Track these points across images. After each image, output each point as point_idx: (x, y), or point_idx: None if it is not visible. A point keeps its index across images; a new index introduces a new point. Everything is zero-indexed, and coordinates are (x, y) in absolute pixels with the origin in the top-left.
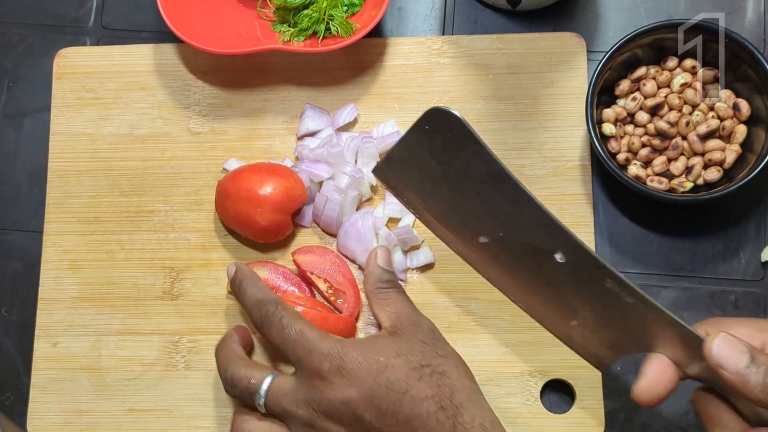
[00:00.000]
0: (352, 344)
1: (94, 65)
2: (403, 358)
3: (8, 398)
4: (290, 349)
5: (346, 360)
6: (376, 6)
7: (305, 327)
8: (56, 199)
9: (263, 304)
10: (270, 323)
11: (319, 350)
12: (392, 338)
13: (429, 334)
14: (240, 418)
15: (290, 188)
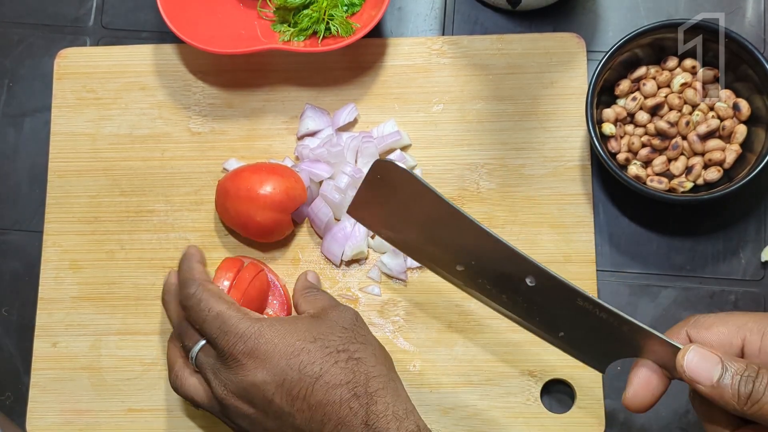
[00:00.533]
0: (269, 324)
1: (95, 65)
2: (319, 343)
3: (8, 398)
4: (206, 330)
5: (260, 341)
6: (376, 6)
7: (223, 308)
8: (56, 198)
9: (187, 285)
10: (189, 305)
11: (234, 331)
12: (312, 320)
13: (351, 321)
14: (179, 362)
15: (290, 188)
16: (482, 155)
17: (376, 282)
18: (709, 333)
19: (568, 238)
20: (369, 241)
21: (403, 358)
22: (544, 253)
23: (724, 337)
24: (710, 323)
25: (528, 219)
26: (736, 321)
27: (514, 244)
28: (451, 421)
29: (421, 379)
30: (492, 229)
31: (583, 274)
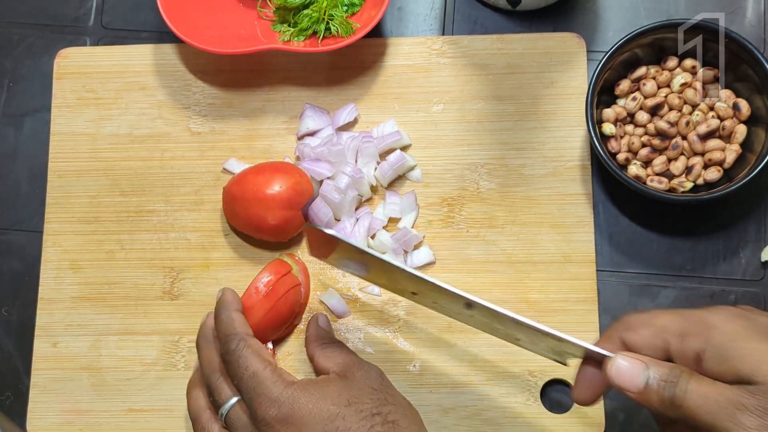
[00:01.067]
0: (302, 388)
1: (95, 65)
2: (354, 407)
3: (8, 398)
4: (243, 389)
5: (294, 407)
6: (376, 6)
7: (259, 368)
8: (56, 198)
9: (228, 339)
10: (229, 360)
11: (268, 395)
12: (343, 382)
13: (378, 380)
14: (206, 414)
15: (297, 183)
16: (482, 155)
17: None
18: (637, 336)
19: (568, 238)
20: (369, 241)
21: (403, 358)
22: (544, 253)
23: (650, 341)
24: (637, 325)
25: (528, 219)
26: (659, 322)
27: (449, 283)
28: (451, 421)
29: (420, 379)
30: (420, 272)
31: (582, 274)
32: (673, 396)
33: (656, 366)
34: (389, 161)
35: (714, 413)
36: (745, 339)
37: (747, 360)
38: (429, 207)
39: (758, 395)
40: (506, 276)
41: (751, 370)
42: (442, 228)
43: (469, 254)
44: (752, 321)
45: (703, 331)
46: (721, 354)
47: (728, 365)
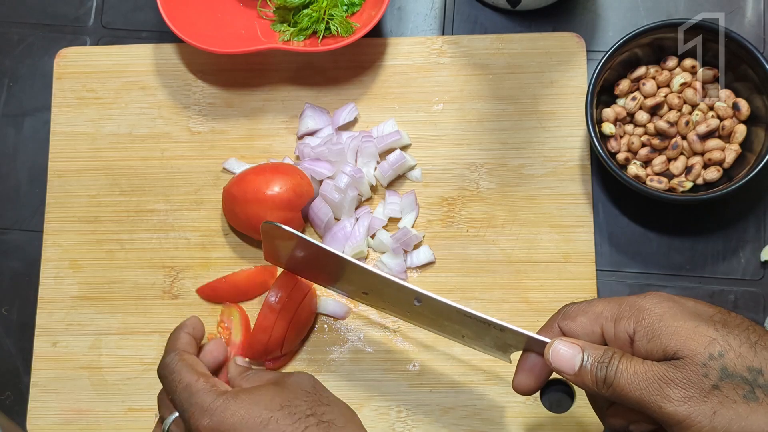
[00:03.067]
0: (233, 396)
1: (95, 65)
2: (286, 410)
3: (8, 397)
4: (176, 402)
5: (226, 414)
6: (375, 5)
7: (192, 380)
8: (56, 198)
9: (165, 353)
10: (164, 374)
11: (200, 404)
12: (275, 388)
13: (310, 383)
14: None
15: (297, 185)
16: (482, 155)
17: None
18: (575, 324)
19: (568, 238)
20: (369, 240)
21: (402, 357)
22: (543, 252)
23: (587, 327)
24: (575, 314)
25: (528, 219)
26: (595, 310)
27: (398, 276)
28: (450, 420)
29: (420, 379)
30: (369, 265)
31: (582, 273)
32: (605, 376)
33: (591, 348)
34: (389, 161)
35: (642, 389)
36: (672, 318)
37: (673, 337)
38: (429, 207)
39: (683, 369)
40: (506, 276)
41: (676, 346)
42: (442, 228)
43: (468, 254)
44: (680, 303)
45: (634, 314)
46: (650, 333)
47: (656, 343)
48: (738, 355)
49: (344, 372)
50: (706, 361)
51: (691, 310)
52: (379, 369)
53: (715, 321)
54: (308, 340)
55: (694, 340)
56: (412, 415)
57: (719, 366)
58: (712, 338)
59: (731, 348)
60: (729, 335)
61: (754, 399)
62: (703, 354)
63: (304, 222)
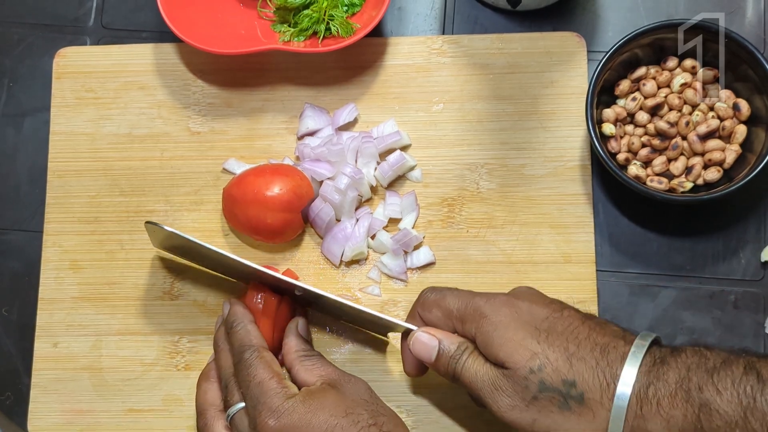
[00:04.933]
0: (302, 400)
1: (94, 65)
2: (350, 418)
3: (8, 398)
4: (247, 396)
5: (293, 418)
6: (376, 6)
7: (265, 378)
8: (56, 198)
9: (243, 349)
10: (240, 368)
11: (269, 405)
12: (337, 394)
13: (368, 392)
14: (211, 410)
15: (297, 186)
16: (482, 155)
17: (376, 282)
18: (431, 315)
19: (568, 238)
20: (369, 241)
21: None
22: (544, 253)
23: (442, 320)
24: (430, 306)
25: (528, 219)
26: (446, 305)
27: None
28: (450, 421)
29: (420, 380)
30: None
31: (582, 274)
32: (454, 370)
33: (447, 341)
34: (389, 161)
35: (480, 389)
36: (505, 328)
37: (502, 348)
38: (429, 207)
39: (509, 379)
40: (506, 276)
41: (505, 357)
42: (442, 228)
43: (469, 254)
44: (516, 309)
45: (476, 319)
46: (486, 341)
47: (490, 351)
48: (554, 369)
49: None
50: (527, 374)
51: (525, 317)
52: (378, 369)
53: (541, 330)
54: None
55: (518, 353)
56: (412, 416)
57: (538, 379)
58: (534, 353)
59: (549, 362)
60: (549, 348)
61: (567, 408)
62: (524, 368)
63: (304, 223)
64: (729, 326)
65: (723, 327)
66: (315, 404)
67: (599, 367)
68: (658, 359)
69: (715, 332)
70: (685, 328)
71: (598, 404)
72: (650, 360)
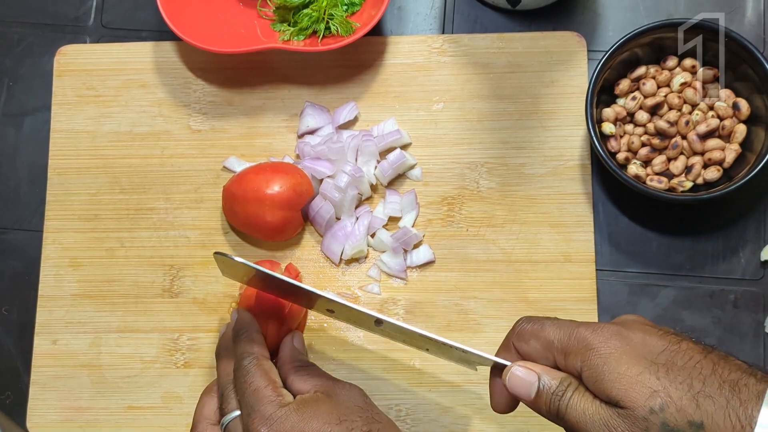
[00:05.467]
0: (295, 409)
1: (95, 62)
2: (344, 425)
3: (8, 397)
4: (242, 404)
5: (285, 426)
6: (375, 5)
7: (261, 386)
8: (56, 196)
9: (243, 356)
10: (237, 374)
11: (262, 412)
12: (331, 401)
13: (362, 399)
14: (204, 423)
15: (297, 184)
16: (482, 154)
17: (375, 281)
18: (529, 347)
19: (568, 238)
20: (369, 239)
21: (402, 356)
22: (543, 252)
23: (541, 353)
24: (528, 336)
25: (528, 218)
26: (546, 336)
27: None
28: (450, 419)
29: (420, 378)
30: (320, 290)
31: (582, 273)
32: (558, 408)
33: (547, 376)
34: (389, 160)
35: (590, 429)
36: (617, 362)
37: (615, 384)
38: (429, 206)
39: (626, 419)
40: (506, 275)
41: (619, 395)
42: (442, 227)
43: (468, 253)
44: (628, 340)
45: (581, 351)
46: (595, 376)
47: (601, 387)
48: (678, 409)
49: (344, 371)
50: (647, 415)
51: (639, 349)
52: (378, 368)
53: (660, 364)
54: (308, 339)
55: (635, 390)
56: (411, 414)
57: (660, 421)
58: (654, 390)
59: (672, 401)
60: (671, 384)
61: None
62: (644, 407)
63: (303, 221)
64: (729, 326)
65: (723, 326)
66: (308, 412)
67: (730, 407)
68: None
69: (714, 332)
70: (685, 327)
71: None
72: None
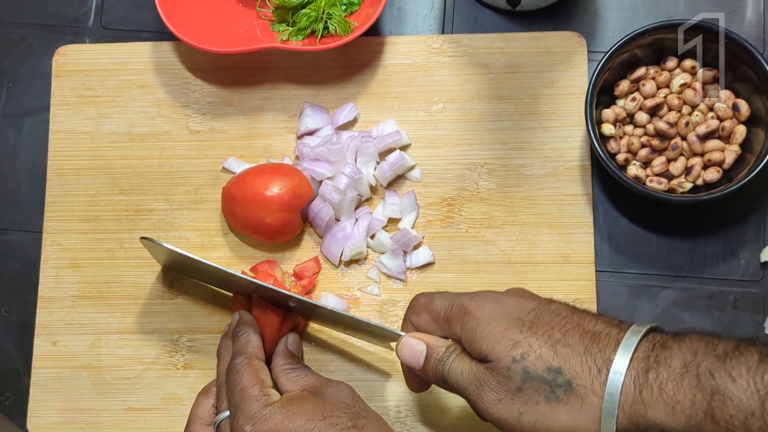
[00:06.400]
0: (280, 407)
1: (94, 63)
2: (328, 421)
3: (8, 398)
4: (230, 402)
5: (269, 424)
6: (374, 4)
7: (248, 385)
8: (56, 197)
9: (236, 355)
10: (228, 373)
11: (246, 411)
12: (316, 399)
13: (350, 395)
14: (198, 422)
15: (296, 186)
16: (482, 155)
17: (375, 282)
18: (421, 319)
19: (568, 239)
20: (368, 241)
21: None
22: (543, 253)
23: (431, 324)
24: (420, 309)
25: (527, 219)
26: (434, 307)
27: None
28: (450, 420)
29: None
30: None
31: (582, 274)
32: (441, 372)
33: (435, 344)
34: (389, 161)
35: (466, 388)
36: (488, 322)
37: (485, 341)
38: (428, 207)
39: (493, 372)
40: (505, 276)
41: (486, 350)
42: (442, 228)
43: (468, 254)
44: (501, 303)
45: (460, 317)
46: (470, 337)
47: (474, 347)
48: (538, 357)
49: (344, 372)
50: (509, 364)
51: (510, 311)
52: (378, 369)
53: (525, 321)
54: (308, 340)
55: (500, 344)
56: (411, 416)
57: (521, 368)
58: (516, 341)
59: (532, 350)
60: (532, 336)
61: (554, 398)
62: (507, 357)
63: (303, 223)
64: (729, 326)
65: (723, 327)
66: (293, 410)
67: (588, 354)
68: (659, 344)
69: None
70: (685, 328)
71: (589, 391)
72: (649, 345)
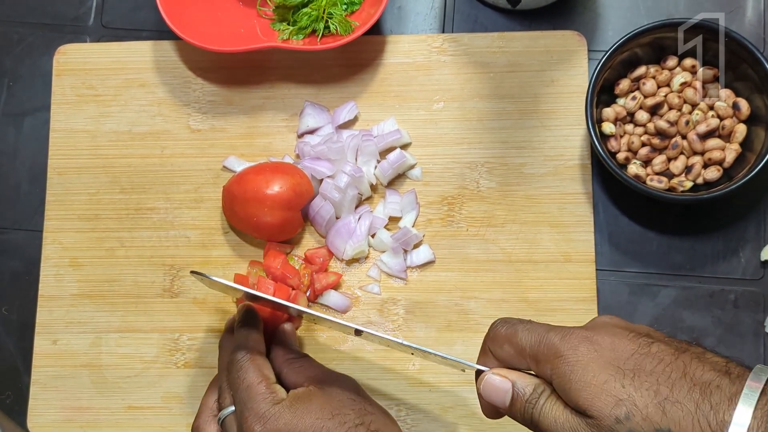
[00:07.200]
0: (288, 406)
1: (94, 62)
2: (337, 419)
3: (8, 397)
4: (236, 400)
5: (279, 423)
6: (375, 4)
7: (254, 382)
8: (56, 196)
9: (237, 349)
10: (230, 369)
11: (255, 410)
12: (323, 395)
13: (355, 390)
14: (207, 411)
15: (297, 184)
16: (482, 154)
17: (375, 281)
18: (503, 352)
19: (568, 237)
20: (369, 239)
21: (402, 356)
22: (543, 252)
23: (515, 358)
24: (501, 341)
25: (528, 218)
26: (519, 342)
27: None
28: (450, 419)
29: (420, 378)
30: (309, 308)
31: (582, 273)
32: (531, 416)
33: (522, 383)
34: (389, 160)
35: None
36: (584, 370)
37: (583, 394)
38: (429, 206)
39: (594, 429)
40: (506, 275)
41: (585, 405)
42: (442, 227)
43: (468, 253)
44: (596, 346)
45: (550, 359)
46: (564, 384)
47: (569, 397)
48: (644, 417)
49: (344, 370)
50: (613, 424)
51: (606, 355)
52: (378, 368)
53: (627, 370)
54: (308, 339)
55: (601, 400)
56: (411, 414)
57: (626, 430)
58: (619, 399)
59: (638, 409)
60: (636, 392)
61: None
62: (609, 417)
63: (304, 221)
64: (729, 325)
65: (723, 326)
66: (301, 408)
67: (700, 412)
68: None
69: (715, 331)
70: (685, 327)
71: None
72: (765, 399)
